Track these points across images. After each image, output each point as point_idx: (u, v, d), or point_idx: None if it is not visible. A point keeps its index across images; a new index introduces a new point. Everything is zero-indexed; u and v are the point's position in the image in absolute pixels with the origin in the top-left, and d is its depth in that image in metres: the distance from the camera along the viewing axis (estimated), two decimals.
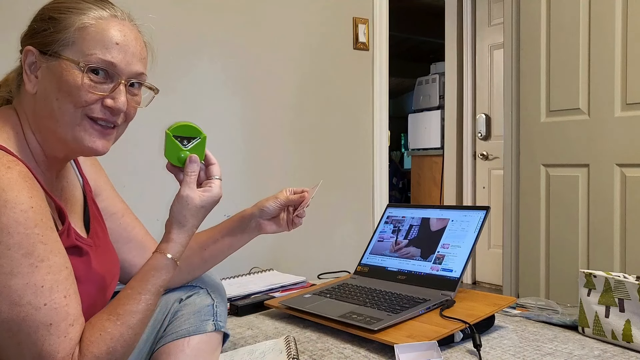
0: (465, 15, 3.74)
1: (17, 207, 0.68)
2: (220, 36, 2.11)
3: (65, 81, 0.77)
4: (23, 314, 0.68)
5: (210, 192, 0.89)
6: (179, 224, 0.87)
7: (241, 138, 2.17)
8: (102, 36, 0.79)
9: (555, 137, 2.36)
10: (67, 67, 0.78)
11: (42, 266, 0.69)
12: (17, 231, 0.67)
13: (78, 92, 0.78)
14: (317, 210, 2.36)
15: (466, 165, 3.76)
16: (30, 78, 0.79)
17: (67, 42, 0.78)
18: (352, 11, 2.43)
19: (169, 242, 0.86)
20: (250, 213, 1.08)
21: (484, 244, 3.65)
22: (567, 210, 2.31)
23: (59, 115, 0.79)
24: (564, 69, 2.31)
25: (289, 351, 1.10)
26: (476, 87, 3.72)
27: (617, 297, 1.19)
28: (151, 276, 0.81)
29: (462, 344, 1.18)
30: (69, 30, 0.78)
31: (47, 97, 0.79)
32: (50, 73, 0.79)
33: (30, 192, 0.70)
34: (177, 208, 0.88)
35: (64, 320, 0.70)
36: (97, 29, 0.79)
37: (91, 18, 0.80)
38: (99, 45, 0.79)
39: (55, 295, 0.70)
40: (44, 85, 0.79)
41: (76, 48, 0.78)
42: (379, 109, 2.49)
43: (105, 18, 0.81)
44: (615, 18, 2.12)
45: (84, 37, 0.78)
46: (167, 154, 0.89)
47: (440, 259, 1.43)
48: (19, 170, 0.71)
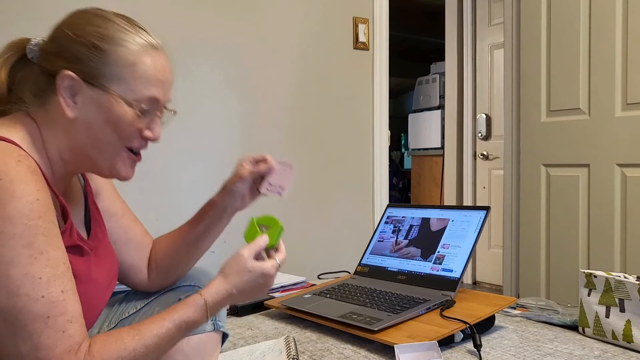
0: (465, 15, 3.74)
1: (23, 198, 0.69)
2: (219, 36, 2.11)
3: (115, 116, 0.80)
4: (20, 304, 0.68)
5: (262, 264, 0.89)
6: (223, 274, 0.88)
7: (241, 138, 2.17)
8: (148, 73, 0.82)
9: (556, 137, 2.36)
10: (116, 102, 0.80)
11: (41, 258, 0.70)
12: (21, 222, 0.68)
13: (125, 126, 0.81)
14: (317, 210, 2.36)
15: (466, 165, 3.76)
16: (68, 102, 0.80)
17: (115, 77, 0.80)
18: (352, 11, 2.43)
19: (209, 287, 0.86)
20: (221, 200, 1.05)
21: (484, 244, 3.65)
22: (568, 210, 2.30)
23: (102, 146, 0.82)
24: (564, 68, 2.31)
25: (289, 351, 1.09)
26: (476, 87, 3.71)
27: (618, 297, 1.19)
28: (180, 309, 0.82)
29: (462, 344, 1.18)
30: (117, 65, 0.80)
31: (91, 126, 0.81)
32: (96, 104, 0.80)
33: (37, 186, 0.71)
34: (229, 261, 0.89)
35: (62, 315, 0.70)
36: (144, 65, 0.81)
37: (136, 53, 0.81)
38: (146, 82, 0.82)
39: (53, 289, 0.70)
40: (87, 114, 0.80)
41: (124, 84, 0.80)
42: (379, 109, 2.49)
43: (147, 50, 0.83)
44: (616, 18, 2.12)
45: (132, 74, 0.80)
46: (246, 236, 0.95)
47: (440, 259, 1.42)
48: (28, 164, 0.72)
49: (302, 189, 2.31)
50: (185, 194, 2.05)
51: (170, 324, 0.80)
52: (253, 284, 0.87)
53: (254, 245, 0.90)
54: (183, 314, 0.82)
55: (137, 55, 0.81)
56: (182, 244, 1.06)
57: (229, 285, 0.86)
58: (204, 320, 0.84)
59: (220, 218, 1.06)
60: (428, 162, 4.40)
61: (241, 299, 0.88)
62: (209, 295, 0.85)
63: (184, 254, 1.06)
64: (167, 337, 0.79)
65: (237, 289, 0.86)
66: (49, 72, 0.80)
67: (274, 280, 0.90)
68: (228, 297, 0.86)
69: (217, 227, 1.07)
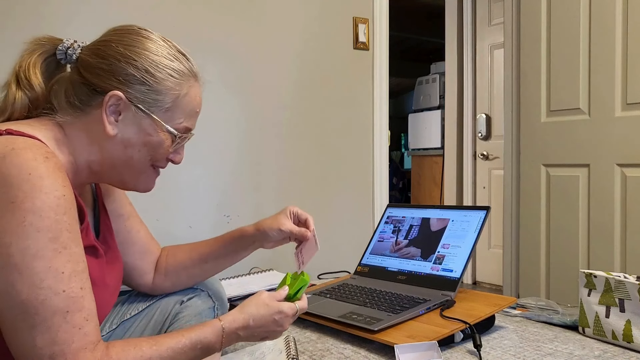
0: (465, 15, 3.74)
1: (51, 193, 0.70)
2: (220, 36, 2.11)
3: (154, 140, 0.85)
4: (42, 297, 0.68)
5: (280, 302, 0.92)
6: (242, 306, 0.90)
7: (241, 138, 2.17)
8: (190, 106, 0.87)
9: (556, 137, 2.36)
10: (158, 128, 0.84)
11: (64, 253, 0.71)
12: (48, 215, 0.69)
13: (161, 150, 0.86)
14: (317, 210, 2.35)
15: (466, 165, 3.76)
16: (111, 121, 0.82)
17: (160, 104, 0.84)
18: (352, 11, 2.43)
19: (227, 314, 0.89)
20: (251, 235, 1.07)
21: (484, 244, 3.65)
22: (568, 210, 2.30)
23: (135, 164, 0.86)
24: (564, 68, 2.31)
25: (289, 351, 1.10)
26: (476, 87, 3.71)
27: (618, 297, 1.19)
28: (198, 328, 0.84)
29: (462, 344, 1.18)
30: (165, 95, 0.84)
31: (129, 145, 0.84)
32: (138, 126, 0.83)
33: (63, 182, 0.72)
34: (249, 297, 0.93)
35: (80, 312, 0.71)
36: (187, 98, 0.86)
37: (183, 85, 0.85)
38: (186, 114, 0.87)
39: (73, 285, 0.71)
40: (126, 133, 0.83)
41: (169, 113, 0.85)
42: (379, 109, 2.49)
43: (191, 82, 0.87)
44: (616, 18, 2.12)
45: (178, 106, 0.85)
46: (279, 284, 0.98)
47: (440, 259, 1.42)
48: (56, 161, 0.74)
49: (302, 189, 2.31)
50: (185, 194, 2.05)
51: (187, 340, 0.81)
52: (269, 319, 0.89)
53: (276, 292, 0.94)
54: (200, 333, 0.83)
55: (183, 88, 0.85)
56: (198, 260, 1.08)
57: (246, 315, 0.88)
58: (217, 346, 0.85)
59: (246, 249, 1.09)
60: (428, 162, 4.40)
61: (256, 333, 0.89)
62: (226, 321, 0.86)
63: (198, 269, 1.09)
64: (182, 353, 0.80)
65: (254, 319, 0.88)
66: (96, 87, 0.82)
67: (289, 322, 0.92)
68: (244, 327, 0.87)
69: (239, 255, 1.10)
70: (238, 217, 2.15)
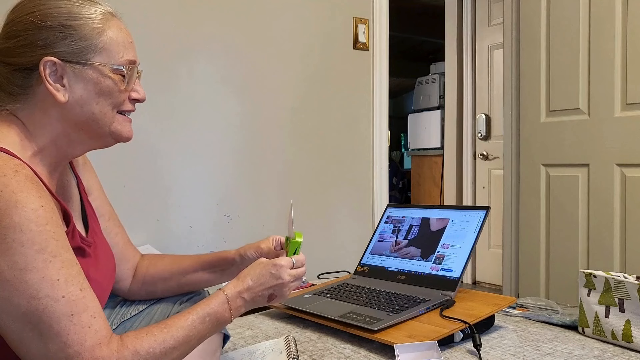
0: (465, 15, 3.74)
1: (27, 206, 0.69)
2: (220, 36, 2.11)
3: (104, 86, 0.83)
4: (42, 306, 0.68)
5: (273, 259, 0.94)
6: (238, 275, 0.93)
7: (241, 138, 2.17)
8: (120, 39, 0.85)
9: (555, 137, 2.36)
10: (103, 72, 0.82)
11: (55, 261, 0.70)
12: (30, 228, 0.69)
13: (116, 93, 0.84)
14: (317, 210, 2.36)
15: (466, 165, 3.76)
16: (57, 88, 0.80)
17: (94, 48, 0.82)
18: (352, 11, 2.43)
19: (227, 284, 0.91)
20: (231, 258, 1.09)
21: (484, 244, 3.65)
22: (567, 210, 2.31)
23: (99, 118, 0.84)
24: (564, 69, 2.31)
25: (289, 351, 1.10)
26: (476, 87, 3.72)
27: (617, 297, 1.19)
28: (203, 303, 0.86)
29: (462, 344, 1.18)
30: (91, 38, 0.81)
31: (85, 103, 0.82)
32: (84, 80, 0.82)
33: (38, 193, 0.72)
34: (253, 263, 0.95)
35: (85, 312, 0.71)
36: (114, 32, 0.84)
37: (103, 22, 0.83)
38: (121, 46, 0.84)
39: (72, 288, 0.71)
40: (77, 92, 0.82)
41: (104, 54, 0.82)
42: (379, 109, 2.49)
43: (110, 19, 0.85)
44: (616, 18, 2.12)
45: (107, 42, 0.83)
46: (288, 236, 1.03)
47: (440, 259, 1.43)
48: (26, 173, 0.73)
49: (302, 188, 2.31)
50: (185, 194, 2.05)
51: (194, 316, 0.83)
52: (266, 274, 0.92)
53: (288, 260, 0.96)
54: (205, 307, 0.85)
55: (104, 24, 0.83)
56: (177, 272, 1.09)
57: (244, 277, 0.91)
58: (227, 314, 0.87)
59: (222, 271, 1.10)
60: (428, 162, 4.40)
61: (260, 292, 0.92)
62: (227, 288, 0.89)
63: (175, 282, 1.09)
64: (192, 328, 0.82)
65: (252, 279, 0.91)
66: (25, 66, 0.80)
67: (288, 273, 0.94)
68: (246, 289, 0.90)
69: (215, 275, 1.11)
70: (238, 217, 2.15)
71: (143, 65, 0.97)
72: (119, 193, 1.87)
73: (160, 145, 2.01)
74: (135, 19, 1.91)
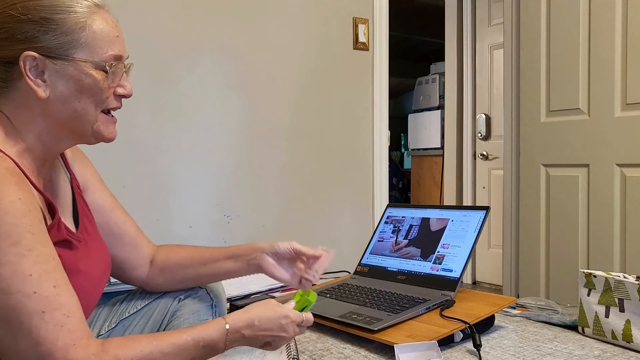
0: (465, 15, 3.74)
1: (5, 198, 0.68)
2: (220, 36, 2.11)
3: (87, 82, 0.80)
4: (13, 302, 0.67)
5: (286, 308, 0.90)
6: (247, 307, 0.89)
7: (241, 138, 2.17)
8: (105, 32, 0.82)
9: (555, 137, 2.36)
10: (85, 69, 0.80)
11: (29, 255, 0.69)
12: (5, 221, 0.68)
13: (99, 89, 0.82)
14: (317, 210, 2.36)
15: (466, 165, 3.76)
16: (38, 83, 0.79)
17: (76, 43, 0.79)
18: (352, 11, 2.43)
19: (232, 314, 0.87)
20: (261, 247, 1.07)
21: (484, 244, 3.65)
22: (567, 211, 2.31)
23: (82, 115, 0.82)
24: (563, 69, 2.31)
25: (289, 351, 1.10)
26: (476, 87, 3.72)
27: (617, 297, 1.19)
28: (201, 326, 0.83)
29: (462, 344, 1.18)
30: (74, 32, 0.79)
31: (67, 100, 0.80)
32: (65, 76, 0.80)
33: (17, 185, 0.71)
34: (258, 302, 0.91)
35: (58, 310, 0.70)
36: (98, 26, 0.81)
37: (86, 15, 0.80)
38: (105, 42, 0.81)
39: (45, 285, 0.70)
40: (59, 89, 0.80)
41: (87, 49, 0.80)
42: (379, 109, 2.49)
43: (95, 11, 0.82)
44: (615, 18, 2.12)
45: (90, 37, 0.80)
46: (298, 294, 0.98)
47: (440, 259, 1.43)
48: (6, 166, 0.72)
49: (302, 188, 2.31)
50: (185, 194, 2.05)
51: (189, 337, 0.79)
52: (275, 322, 0.87)
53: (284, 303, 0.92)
54: (202, 330, 0.81)
55: (88, 17, 0.80)
56: (198, 261, 1.07)
57: (252, 314, 0.86)
58: (221, 345, 0.83)
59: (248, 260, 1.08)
60: (428, 162, 4.40)
61: (260, 335, 0.87)
62: (230, 319, 0.85)
63: (194, 271, 1.07)
64: (184, 349, 0.78)
65: (259, 320, 0.86)
66: (5, 60, 0.79)
67: (294, 329, 0.90)
68: (249, 326, 0.85)
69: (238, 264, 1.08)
70: (238, 217, 2.15)
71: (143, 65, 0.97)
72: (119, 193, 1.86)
73: (161, 145, 2.00)
74: (135, 18, 1.91)
